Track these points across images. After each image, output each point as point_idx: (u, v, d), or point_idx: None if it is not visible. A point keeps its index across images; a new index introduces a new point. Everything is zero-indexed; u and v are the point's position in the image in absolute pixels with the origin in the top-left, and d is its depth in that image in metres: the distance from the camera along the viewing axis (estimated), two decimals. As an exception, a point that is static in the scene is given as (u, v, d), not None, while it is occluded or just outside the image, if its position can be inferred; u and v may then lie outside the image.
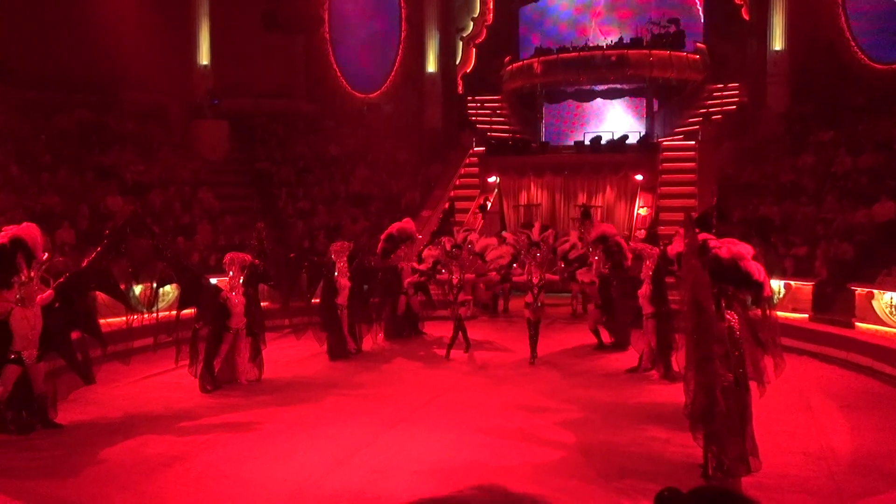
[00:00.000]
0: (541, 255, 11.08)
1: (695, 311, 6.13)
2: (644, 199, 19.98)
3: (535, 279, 11.05)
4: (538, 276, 11.05)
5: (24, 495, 5.83)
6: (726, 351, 6.07)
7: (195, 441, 7.60)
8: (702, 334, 6.09)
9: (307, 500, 6.15)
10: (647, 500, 5.10)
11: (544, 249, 11.10)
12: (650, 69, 24.60)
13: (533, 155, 22.57)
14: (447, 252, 11.67)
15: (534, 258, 11.08)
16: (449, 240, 11.88)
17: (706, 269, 6.18)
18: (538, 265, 11.06)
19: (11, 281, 7.68)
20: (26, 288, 7.69)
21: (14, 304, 7.65)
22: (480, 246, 12.07)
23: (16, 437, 7.68)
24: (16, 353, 7.66)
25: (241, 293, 9.79)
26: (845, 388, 9.81)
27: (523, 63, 26.22)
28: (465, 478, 6.54)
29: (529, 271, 11.13)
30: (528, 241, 11.21)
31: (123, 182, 16.83)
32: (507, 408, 8.75)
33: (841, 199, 15.54)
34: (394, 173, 21.57)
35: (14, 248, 7.69)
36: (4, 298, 7.60)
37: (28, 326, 7.66)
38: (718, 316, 6.15)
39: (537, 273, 11.06)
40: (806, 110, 20.00)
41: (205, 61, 21.52)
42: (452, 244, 11.73)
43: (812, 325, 12.51)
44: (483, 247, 12.09)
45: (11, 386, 7.63)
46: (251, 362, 10.05)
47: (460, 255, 11.62)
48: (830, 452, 7.23)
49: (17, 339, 7.65)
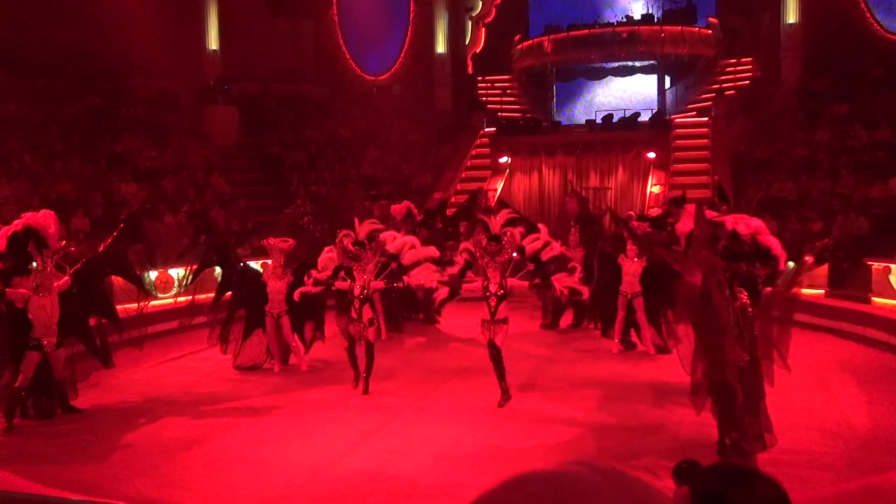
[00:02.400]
0: (502, 253, 8.21)
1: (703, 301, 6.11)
2: (657, 177, 19.83)
3: (492, 286, 8.16)
4: (497, 283, 8.18)
5: (45, 479, 5.91)
6: (740, 331, 6.06)
7: (213, 424, 7.68)
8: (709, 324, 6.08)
9: (324, 481, 6.20)
10: (660, 480, 5.11)
11: (507, 246, 8.22)
12: (662, 45, 24.31)
13: (544, 134, 22.39)
14: (346, 252, 8.72)
15: (492, 258, 8.18)
16: (349, 234, 8.85)
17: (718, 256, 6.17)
18: (497, 267, 8.17)
19: (28, 268, 7.76)
20: (42, 276, 7.76)
21: (31, 293, 7.72)
22: (396, 246, 9.15)
23: (37, 423, 7.80)
24: (35, 341, 7.73)
25: (281, 279, 9.76)
26: (862, 364, 9.76)
27: (533, 42, 25.96)
28: (480, 459, 6.59)
29: (486, 276, 8.23)
30: (484, 234, 8.29)
31: (136, 169, 16.90)
32: (517, 391, 8.74)
33: (857, 173, 15.38)
34: (405, 155, 21.53)
35: (27, 237, 7.76)
36: (22, 286, 7.67)
37: (46, 314, 7.73)
38: (731, 296, 6.13)
39: (496, 277, 8.18)
40: (820, 84, 19.74)
41: (214, 46, 21.50)
42: (354, 241, 8.76)
43: (828, 300, 12.43)
44: (399, 246, 9.14)
45: (32, 373, 7.72)
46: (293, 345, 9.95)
47: (364, 257, 8.67)
48: (847, 428, 7.21)
49: (36, 326, 7.71)
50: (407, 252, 9.02)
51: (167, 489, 6.11)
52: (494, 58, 26.82)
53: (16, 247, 7.74)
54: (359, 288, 8.63)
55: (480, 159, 22.05)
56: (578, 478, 0.72)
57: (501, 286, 8.14)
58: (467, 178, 20.86)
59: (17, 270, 7.72)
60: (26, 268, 7.75)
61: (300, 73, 23.38)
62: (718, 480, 1.44)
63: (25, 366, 7.66)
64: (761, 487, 1.42)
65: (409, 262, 8.96)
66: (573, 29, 25.38)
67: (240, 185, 18.69)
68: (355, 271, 8.66)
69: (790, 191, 15.94)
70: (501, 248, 8.11)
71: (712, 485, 1.43)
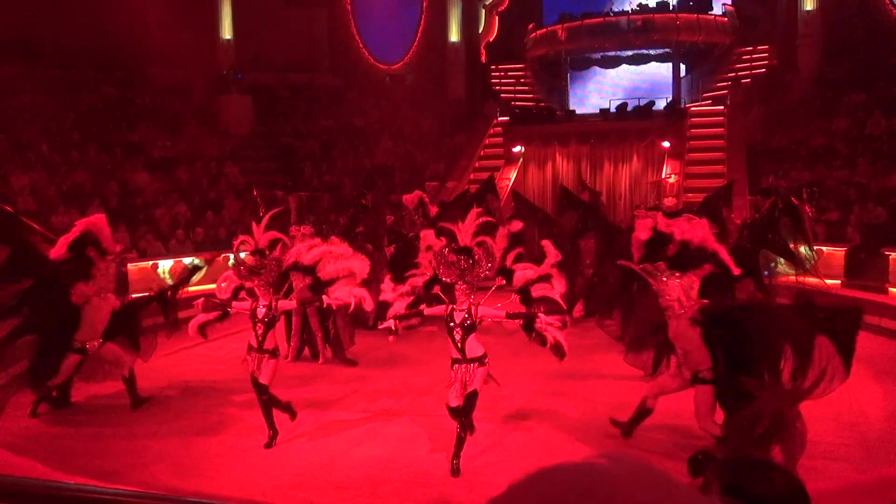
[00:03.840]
0: (474, 270, 6.11)
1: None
2: (671, 167, 19.71)
3: (457, 314, 6.14)
4: (464, 312, 6.12)
5: (62, 466, 5.99)
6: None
7: (228, 412, 7.73)
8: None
9: (339, 468, 6.24)
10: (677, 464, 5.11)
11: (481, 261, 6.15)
12: (677, 33, 24.12)
13: (558, 123, 22.29)
14: (243, 265, 6.93)
15: (460, 278, 6.09)
16: (247, 241, 7.18)
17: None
18: (467, 289, 6.14)
19: (90, 273, 7.69)
20: (104, 278, 7.75)
21: (92, 294, 7.70)
22: (313, 256, 7.36)
23: (54, 410, 7.89)
24: (81, 343, 7.70)
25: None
26: (878, 355, 9.67)
27: (547, 30, 25.83)
28: (494, 448, 6.61)
29: (452, 299, 6.23)
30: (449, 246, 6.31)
31: (151, 158, 16.99)
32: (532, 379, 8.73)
33: (875, 162, 15.22)
34: (418, 144, 21.52)
35: (85, 241, 7.69)
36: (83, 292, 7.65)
37: (99, 317, 7.74)
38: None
39: (464, 303, 6.14)
40: (838, 72, 19.52)
41: (227, 36, 21.54)
42: (255, 249, 7.05)
43: (844, 291, 12.32)
44: (317, 258, 7.34)
45: (70, 374, 7.74)
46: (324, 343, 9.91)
47: (265, 270, 6.86)
48: (863, 419, 7.17)
49: (84, 328, 7.69)
50: (326, 264, 7.30)
51: (183, 476, 6.17)
52: (508, 46, 26.72)
53: (77, 252, 7.69)
54: (263, 309, 6.89)
55: (494, 149, 21.99)
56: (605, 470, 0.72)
57: (469, 314, 6.13)
58: (480, 168, 20.81)
59: (80, 275, 7.64)
60: (88, 272, 7.68)
61: (313, 62, 23.39)
62: (736, 473, 1.44)
63: (65, 368, 7.66)
64: (779, 479, 1.42)
65: (328, 277, 7.22)
66: (587, 17, 25.23)
67: (253, 174, 18.75)
68: (257, 289, 6.91)
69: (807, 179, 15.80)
70: (474, 265, 6.10)
71: (730, 477, 1.43)
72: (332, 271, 7.20)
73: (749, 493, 1.39)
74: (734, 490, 1.40)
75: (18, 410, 7.63)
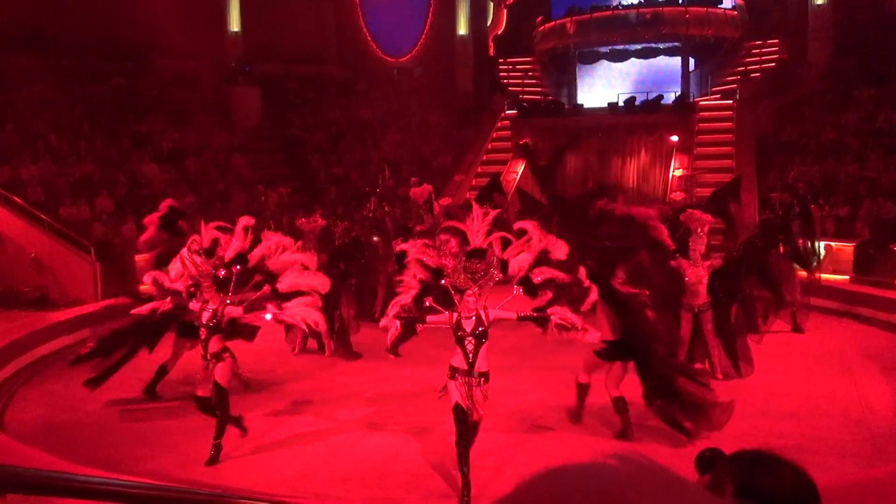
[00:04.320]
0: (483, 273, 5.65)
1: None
2: (679, 161, 19.64)
3: (467, 322, 5.63)
4: (473, 318, 5.63)
5: (71, 457, 6.02)
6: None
7: (236, 405, 7.71)
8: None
9: (344, 461, 6.26)
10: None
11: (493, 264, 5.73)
12: (686, 27, 23.99)
13: (566, 117, 22.25)
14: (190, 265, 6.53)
15: (470, 281, 5.61)
16: (196, 240, 6.69)
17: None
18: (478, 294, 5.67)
19: None
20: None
21: None
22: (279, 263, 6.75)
23: (64, 403, 7.91)
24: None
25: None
26: (887, 351, 9.63)
27: (556, 23, 25.73)
28: (499, 443, 6.62)
29: (460, 306, 5.68)
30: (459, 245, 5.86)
31: (159, 149, 17.02)
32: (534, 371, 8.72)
33: (885, 157, 15.13)
34: (426, 137, 21.50)
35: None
36: None
37: None
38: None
39: (472, 309, 5.63)
40: (849, 66, 19.36)
41: (235, 28, 21.53)
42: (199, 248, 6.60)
43: (853, 286, 12.27)
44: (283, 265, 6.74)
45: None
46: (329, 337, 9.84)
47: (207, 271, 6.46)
48: (871, 415, 7.14)
49: None
50: (289, 276, 6.64)
51: (189, 467, 6.20)
52: (516, 39, 26.62)
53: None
54: (208, 313, 6.50)
55: (501, 142, 21.95)
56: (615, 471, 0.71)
57: (480, 321, 5.61)
58: (488, 161, 20.79)
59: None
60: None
61: (321, 54, 23.37)
62: (745, 469, 1.43)
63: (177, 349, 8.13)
64: (787, 475, 1.42)
65: (287, 289, 6.61)
66: (596, 10, 25.12)
67: (261, 166, 18.77)
68: (204, 291, 6.51)
69: (814, 175, 15.72)
70: (488, 268, 5.64)
71: (738, 474, 1.42)
72: (293, 284, 6.61)
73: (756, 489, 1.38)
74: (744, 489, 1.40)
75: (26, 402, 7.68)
